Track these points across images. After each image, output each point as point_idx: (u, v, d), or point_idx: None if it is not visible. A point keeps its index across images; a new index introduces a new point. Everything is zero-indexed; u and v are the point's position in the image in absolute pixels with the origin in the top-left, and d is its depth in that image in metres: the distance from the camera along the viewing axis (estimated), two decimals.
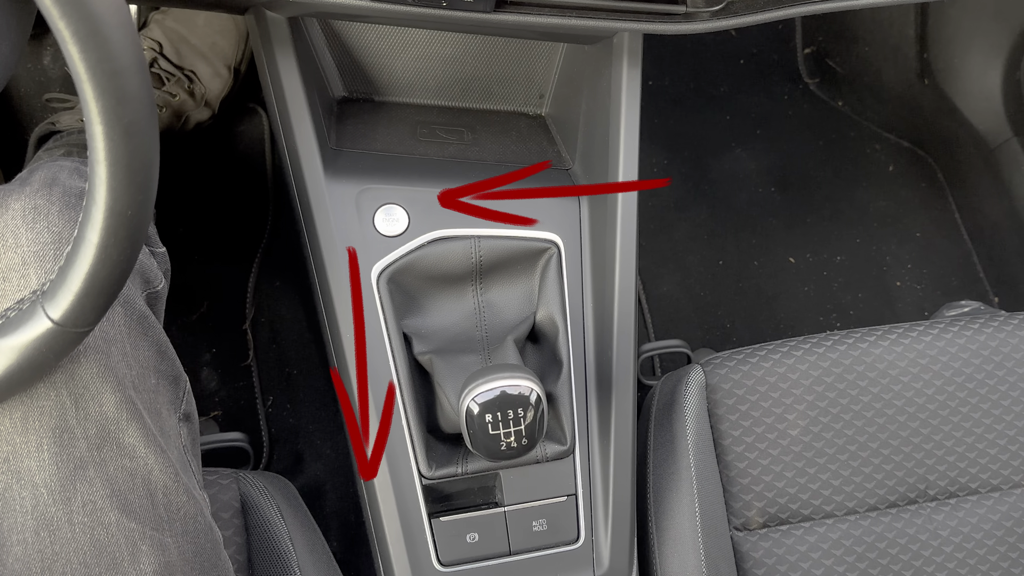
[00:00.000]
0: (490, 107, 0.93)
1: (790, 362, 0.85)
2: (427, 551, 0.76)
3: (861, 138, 1.52)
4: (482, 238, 0.77)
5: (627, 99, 0.79)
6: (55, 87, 1.26)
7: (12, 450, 0.56)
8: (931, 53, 1.41)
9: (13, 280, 0.57)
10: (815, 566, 0.83)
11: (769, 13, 0.74)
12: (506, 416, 0.64)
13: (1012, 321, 0.89)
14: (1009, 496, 0.86)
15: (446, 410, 0.74)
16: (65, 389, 0.57)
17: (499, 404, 0.64)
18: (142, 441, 0.60)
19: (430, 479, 0.75)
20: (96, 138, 0.42)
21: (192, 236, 1.26)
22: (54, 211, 0.59)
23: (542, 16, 0.71)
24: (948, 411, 0.86)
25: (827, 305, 1.42)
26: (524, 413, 0.64)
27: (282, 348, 1.26)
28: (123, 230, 0.45)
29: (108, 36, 0.41)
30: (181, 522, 0.62)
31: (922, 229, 1.48)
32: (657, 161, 1.46)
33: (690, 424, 0.83)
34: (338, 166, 0.79)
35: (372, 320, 0.76)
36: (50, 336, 0.48)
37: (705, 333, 1.38)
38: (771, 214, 1.46)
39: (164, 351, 0.66)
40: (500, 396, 0.64)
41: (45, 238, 0.58)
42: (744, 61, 1.54)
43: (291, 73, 0.77)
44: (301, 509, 0.82)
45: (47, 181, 0.61)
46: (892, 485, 0.85)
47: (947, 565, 0.84)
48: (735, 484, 0.83)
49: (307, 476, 1.21)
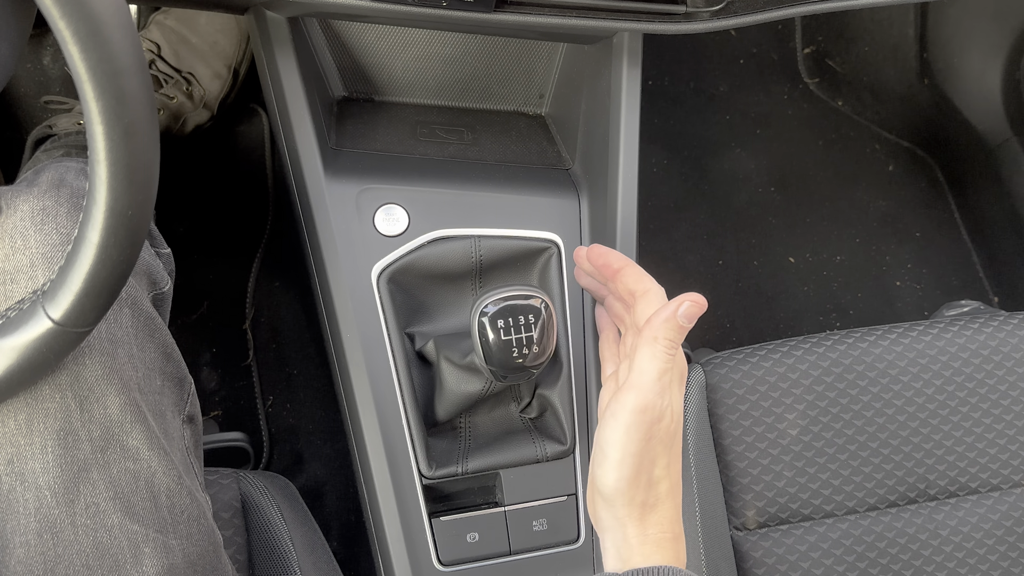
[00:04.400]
0: (490, 107, 0.93)
1: (790, 362, 0.85)
2: (427, 551, 0.76)
3: (861, 138, 1.52)
4: (482, 238, 0.77)
5: (627, 99, 0.79)
6: (55, 87, 1.26)
7: (16, 452, 0.56)
8: (931, 53, 1.41)
9: (21, 282, 0.57)
10: (815, 565, 0.83)
11: (769, 13, 0.74)
12: (517, 322, 0.65)
13: (1012, 321, 0.89)
14: (1009, 496, 0.86)
15: (446, 389, 0.74)
16: (70, 391, 0.57)
17: (509, 311, 0.65)
18: (146, 443, 0.60)
19: (430, 479, 0.75)
20: (96, 138, 0.42)
21: (192, 236, 1.26)
22: (62, 212, 0.59)
23: (542, 16, 0.71)
24: (948, 411, 0.86)
25: (827, 305, 1.42)
26: (535, 320, 0.66)
27: (282, 348, 1.26)
28: (123, 230, 0.45)
29: (108, 36, 0.41)
30: (185, 524, 0.62)
31: (922, 229, 1.48)
32: (657, 161, 1.46)
33: (690, 424, 0.83)
34: (338, 166, 0.79)
35: (372, 320, 0.76)
36: (50, 336, 0.48)
37: (705, 333, 1.38)
38: (771, 214, 1.46)
39: (170, 353, 0.66)
40: (509, 306, 0.66)
41: (53, 240, 0.58)
42: (744, 61, 1.54)
43: (291, 73, 0.77)
44: (301, 509, 0.82)
45: (55, 182, 0.61)
46: (892, 484, 0.85)
47: (947, 564, 0.84)
48: (735, 483, 0.83)
49: (307, 476, 1.21)
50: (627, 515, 0.58)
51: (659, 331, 0.58)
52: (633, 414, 0.57)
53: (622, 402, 0.57)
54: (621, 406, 0.57)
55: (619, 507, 0.58)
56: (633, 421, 0.57)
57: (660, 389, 0.57)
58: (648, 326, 0.58)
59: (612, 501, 0.58)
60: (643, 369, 0.57)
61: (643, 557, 0.57)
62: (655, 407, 0.57)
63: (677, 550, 0.59)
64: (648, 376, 0.57)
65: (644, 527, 0.58)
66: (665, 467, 0.58)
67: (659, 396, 0.57)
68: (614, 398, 0.58)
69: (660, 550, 0.58)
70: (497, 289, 0.67)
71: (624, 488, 0.57)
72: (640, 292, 0.62)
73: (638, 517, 0.58)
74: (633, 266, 0.65)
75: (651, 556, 0.57)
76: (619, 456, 0.57)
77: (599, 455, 0.58)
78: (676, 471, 0.60)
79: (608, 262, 0.66)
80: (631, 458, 0.57)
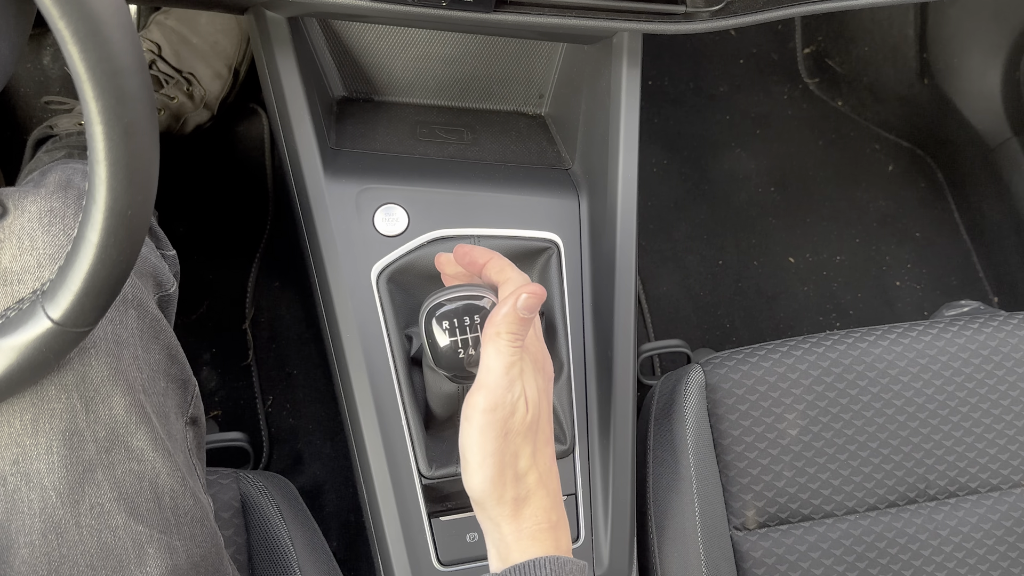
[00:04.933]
0: (490, 107, 0.93)
1: (790, 362, 0.85)
2: (427, 551, 0.76)
3: (861, 138, 1.52)
4: (482, 238, 0.78)
5: (627, 99, 0.79)
6: (55, 87, 1.26)
7: (22, 452, 0.56)
8: (931, 53, 1.41)
9: (28, 282, 0.57)
10: (815, 565, 0.83)
11: (769, 13, 0.74)
12: (462, 322, 0.63)
13: (1012, 321, 0.89)
14: (1009, 496, 0.86)
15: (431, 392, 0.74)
16: (76, 392, 0.57)
17: (456, 312, 0.63)
18: (150, 444, 0.60)
19: (430, 479, 0.75)
20: (96, 138, 0.42)
21: (192, 236, 1.26)
22: (69, 214, 0.59)
23: (542, 16, 0.71)
24: (948, 411, 0.86)
25: (827, 305, 1.42)
26: (481, 320, 0.63)
27: (282, 348, 1.26)
28: (123, 230, 0.45)
29: (108, 36, 0.41)
30: (188, 525, 0.62)
31: (922, 229, 1.48)
32: (657, 161, 1.46)
33: (690, 424, 0.83)
34: (338, 166, 0.79)
35: (372, 320, 0.76)
36: (50, 336, 0.48)
37: (705, 333, 1.38)
38: (771, 214, 1.46)
39: (175, 355, 0.66)
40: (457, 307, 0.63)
41: (61, 241, 0.58)
42: (744, 61, 1.54)
43: (291, 73, 0.77)
44: (301, 509, 0.82)
45: (62, 183, 0.61)
46: (892, 484, 0.85)
47: (947, 564, 0.84)
48: (735, 483, 0.83)
49: (307, 476, 1.21)
50: (499, 514, 0.57)
51: (500, 326, 0.57)
52: (484, 414, 0.56)
53: (472, 404, 0.57)
54: (472, 408, 0.57)
55: (490, 508, 0.57)
56: (485, 421, 0.56)
57: (508, 383, 0.56)
58: (490, 322, 0.58)
59: (483, 503, 0.58)
60: (489, 366, 0.57)
61: (520, 552, 0.57)
62: (505, 403, 0.56)
63: (557, 538, 0.58)
64: (495, 373, 0.56)
65: (519, 522, 0.57)
66: (530, 457, 0.58)
67: (507, 391, 0.56)
68: (466, 400, 0.58)
69: (537, 543, 0.57)
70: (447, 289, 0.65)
71: (490, 489, 0.57)
72: (501, 282, 0.61)
73: (511, 514, 0.57)
74: (498, 258, 0.63)
75: (528, 550, 0.57)
76: (479, 459, 0.56)
77: (462, 461, 0.58)
78: (545, 458, 0.59)
79: (473, 259, 0.64)
80: (490, 458, 0.56)
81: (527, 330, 0.58)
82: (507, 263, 0.63)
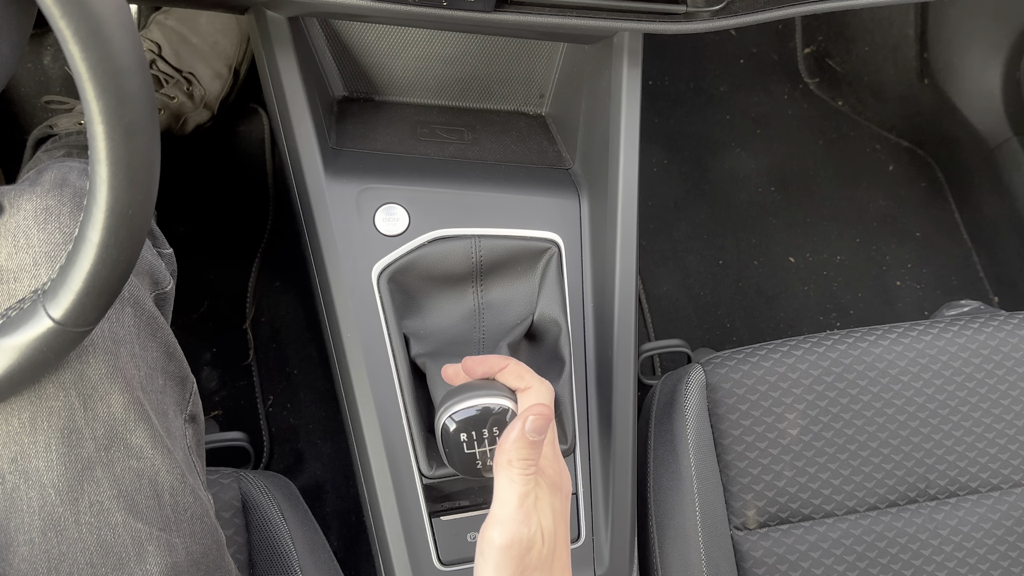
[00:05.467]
0: (490, 107, 0.93)
1: (790, 361, 0.85)
2: (427, 550, 0.76)
3: (861, 138, 1.52)
4: (482, 237, 0.78)
5: (627, 99, 0.79)
6: (55, 87, 1.26)
7: (20, 450, 0.56)
8: (931, 53, 1.41)
9: (24, 281, 0.57)
10: (815, 565, 0.83)
11: (769, 13, 0.74)
12: (480, 434, 0.61)
13: (1012, 321, 0.89)
14: (1009, 495, 0.86)
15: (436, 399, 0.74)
16: (74, 390, 0.57)
17: (474, 423, 0.61)
18: (149, 442, 0.60)
19: (430, 479, 0.75)
20: (97, 138, 0.42)
21: (192, 236, 1.26)
22: (65, 212, 0.59)
23: (542, 16, 0.71)
24: (948, 410, 0.86)
25: (827, 305, 1.42)
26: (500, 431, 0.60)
27: (282, 348, 1.26)
28: (124, 230, 0.45)
29: (109, 36, 0.41)
30: (188, 523, 0.62)
31: (922, 229, 1.48)
32: (657, 161, 1.46)
33: (690, 423, 0.83)
34: (338, 166, 0.79)
35: (372, 320, 0.76)
36: (51, 335, 0.48)
37: (705, 333, 1.38)
38: (771, 214, 1.46)
39: (172, 352, 0.66)
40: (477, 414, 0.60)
41: (56, 239, 0.58)
42: (744, 61, 1.54)
43: (291, 73, 0.77)
44: (302, 508, 0.82)
45: (57, 182, 0.61)
46: (892, 484, 0.85)
47: (947, 564, 0.84)
48: (735, 483, 0.83)
49: (307, 475, 1.21)
50: None
51: (512, 453, 0.55)
52: (500, 552, 0.54)
53: (488, 539, 0.55)
54: (488, 544, 0.55)
55: None
56: (501, 559, 0.54)
57: (524, 516, 0.54)
58: (500, 449, 0.56)
59: None
60: (503, 498, 0.55)
61: None
62: (522, 539, 0.54)
63: None
64: (510, 505, 0.54)
65: None
66: None
67: (524, 525, 0.54)
68: (480, 534, 0.56)
69: None
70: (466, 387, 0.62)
71: None
72: (520, 389, 0.60)
73: None
74: (514, 364, 0.61)
75: None
76: None
77: None
78: None
79: (489, 368, 0.62)
80: None
81: (539, 452, 0.56)
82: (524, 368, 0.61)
